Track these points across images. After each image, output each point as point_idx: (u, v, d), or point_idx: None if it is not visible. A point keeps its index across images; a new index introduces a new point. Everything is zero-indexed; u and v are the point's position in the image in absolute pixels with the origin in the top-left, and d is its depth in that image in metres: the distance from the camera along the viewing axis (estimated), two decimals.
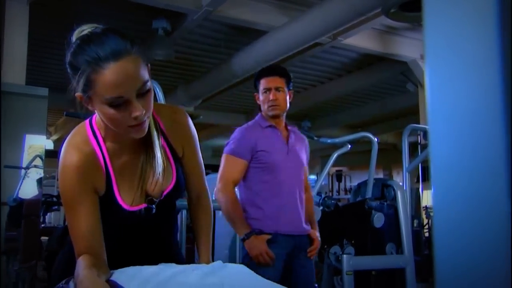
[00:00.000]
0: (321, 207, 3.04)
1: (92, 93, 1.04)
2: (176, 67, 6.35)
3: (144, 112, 1.06)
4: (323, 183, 5.92)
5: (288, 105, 2.22)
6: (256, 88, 2.26)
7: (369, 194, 3.47)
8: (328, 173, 8.82)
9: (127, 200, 1.19)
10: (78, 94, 1.07)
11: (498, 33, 0.34)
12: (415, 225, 5.04)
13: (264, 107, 2.20)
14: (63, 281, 1.17)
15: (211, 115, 8.67)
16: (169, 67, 6.27)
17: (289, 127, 2.27)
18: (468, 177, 0.35)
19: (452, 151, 0.37)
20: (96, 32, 1.05)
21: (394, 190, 3.32)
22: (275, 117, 2.20)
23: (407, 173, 4.38)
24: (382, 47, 5.39)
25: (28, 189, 3.52)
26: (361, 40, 5.20)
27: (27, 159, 3.58)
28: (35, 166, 3.52)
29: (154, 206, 1.22)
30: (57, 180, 1.22)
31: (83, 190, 1.14)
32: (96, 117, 1.18)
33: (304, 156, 2.29)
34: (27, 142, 3.67)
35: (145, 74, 1.06)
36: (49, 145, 10.00)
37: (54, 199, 4.37)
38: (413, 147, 5.23)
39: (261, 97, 2.22)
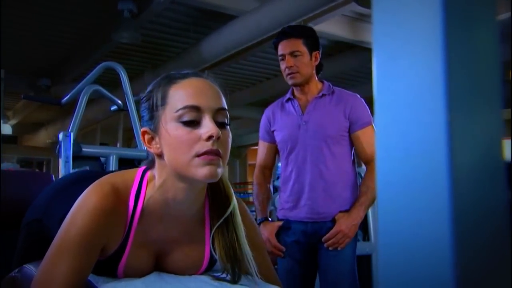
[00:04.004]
0: None
1: (161, 113, 0.90)
2: (143, 51, 6.19)
3: (219, 137, 0.86)
4: None
5: (312, 69, 1.89)
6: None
7: None
8: None
9: (130, 272, 0.97)
10: (143, 129, 0.94)
11: (443, 24, 0.35)
12: None
13: (285, 77, 1.91)
14: (16, 270, 1.11)
15: None
16: (135, 51, 6.10)
17: (323, 92, 1.91)
18: (411, 167, 0.36)
19: (396, 140, 0.37)
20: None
21: (361, 177, 3.32)
22: (297, 86, 1.90)
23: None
24: (353, 34, 5.38)
25: None
26: (332, 27, 5.17)
27: None
28: None
29: None
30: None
31: (94, 241, 0.89)
32: (151, 171, 0.97)
33: (335, 122, 1.89)
34: None
35: (225, 105, 0.93)
36: (7, 129, 9.66)
37: None
38: None
39: (281, 66, 1.91)
